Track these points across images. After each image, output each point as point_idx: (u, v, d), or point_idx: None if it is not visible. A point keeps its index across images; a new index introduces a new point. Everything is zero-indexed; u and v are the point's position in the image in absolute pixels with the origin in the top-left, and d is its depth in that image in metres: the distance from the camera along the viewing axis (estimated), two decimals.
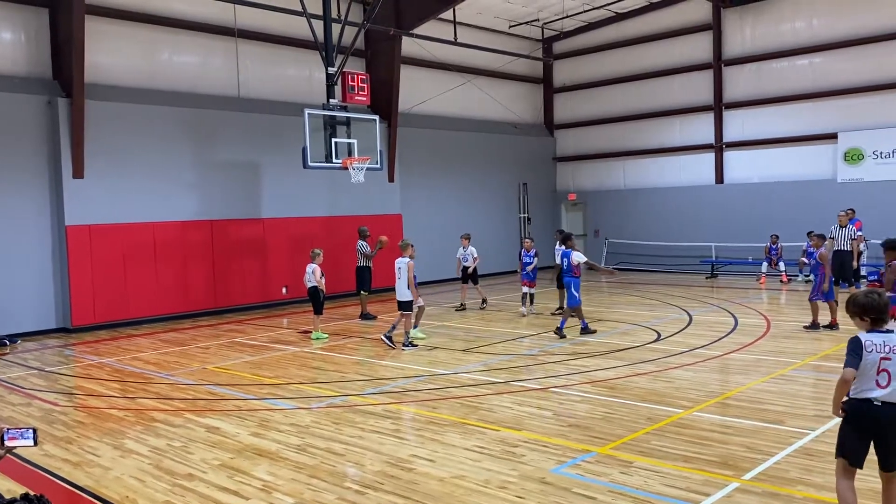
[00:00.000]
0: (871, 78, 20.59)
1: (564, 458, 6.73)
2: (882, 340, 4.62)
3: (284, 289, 19.00)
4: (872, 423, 4.64)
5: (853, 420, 4.69)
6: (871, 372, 4.59)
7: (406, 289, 12.34)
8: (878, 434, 4.65)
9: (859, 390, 4.64)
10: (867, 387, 4.61)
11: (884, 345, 4.60)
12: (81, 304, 15.80)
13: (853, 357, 4.61)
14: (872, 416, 4.62)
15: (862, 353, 4.60)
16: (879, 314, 4.69)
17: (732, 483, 5.95)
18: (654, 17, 24.77)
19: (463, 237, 17.60)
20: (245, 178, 18.56)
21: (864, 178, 20.70)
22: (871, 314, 4.70)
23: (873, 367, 4.59)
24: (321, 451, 7.19)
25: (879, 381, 4.59)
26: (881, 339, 4.62)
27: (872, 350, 4.59)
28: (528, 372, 10.44)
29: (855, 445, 4.70)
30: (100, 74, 16.43)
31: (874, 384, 4.59)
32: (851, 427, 4.71)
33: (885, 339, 4.62)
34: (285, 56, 19.84)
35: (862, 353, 4.60)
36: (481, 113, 25.31)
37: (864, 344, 4.62)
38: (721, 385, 9.40)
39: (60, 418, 8.82)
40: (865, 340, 4.63)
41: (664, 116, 24.95)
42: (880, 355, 4.58)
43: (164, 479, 6.58)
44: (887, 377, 4.58)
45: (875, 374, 4.58)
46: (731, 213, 22.89)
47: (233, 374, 11.11)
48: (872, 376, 4.59)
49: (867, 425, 4.65)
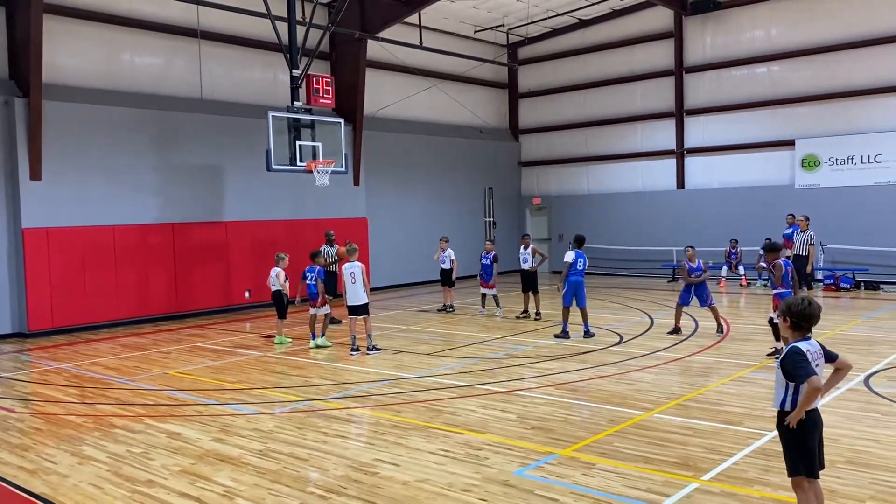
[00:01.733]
0: (827, 86, 21.10)
1: (527, 460, 6.78)
2: (814, 348, 4.68)
3: (247, 293, 18.83)
4: (818, 428, 4.72)
5: (810, 434, 4.67)
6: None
7: (363, 292, 12.27)
8: (821, 439, 4.76)
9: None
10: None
11: (816, 352, 4.68)
12: (38, 308, 15.47)
13: (808, 365, 4.57)
14: (818, 422, 4.72)
15: (810, 362, 4.61)
16: (812, 323, 4.68)
17: (692, 483, 6.05)
18: (618, 24, 25.08)
19: (441, 240, 17.69)
20: (208, 180, 18.36)
21: (820, 183, 21.18)
22: (806, 322, 4.69)
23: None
24: (284, 456, 7.15)
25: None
26: (813, 348, 4.67)
27: (812, 359, 4.62)
28: (492, 375, 10.49)
29: (812, 457, 4.70)
30: (59, 75, 16.13)
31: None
32: (809, 439, 4.68)
33: (811, 345, 4.68)
34: (249, 58, 19.68)
35: (811, 362, 4.61)
36: (447, 117, 25.38)
37: (806, 353, 4.63)
38: (682, 387, 9.53)
39: (16, 425, 8.63)
40: (805, 350, 4.64)
41: (627, 122, 25.26)
42: (814, 362, 4.62)
43: (123, 485, 6.48)
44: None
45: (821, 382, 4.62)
46: (691, 217, 23.25)
47: (194, 379, 10.97)
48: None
49: (816, 432, 4.70)
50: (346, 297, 12.46)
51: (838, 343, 12.09)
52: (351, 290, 12.33)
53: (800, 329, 4.70)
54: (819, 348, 4.71)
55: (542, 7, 23.70)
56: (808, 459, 4.68)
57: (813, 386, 4.51)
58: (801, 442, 4.67)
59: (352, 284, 12.30)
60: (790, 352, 4.65)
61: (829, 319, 14.85)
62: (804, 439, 4.67)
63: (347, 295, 12.42)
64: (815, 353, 4.66)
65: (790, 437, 4.69)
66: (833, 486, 5.88)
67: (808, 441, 4.67)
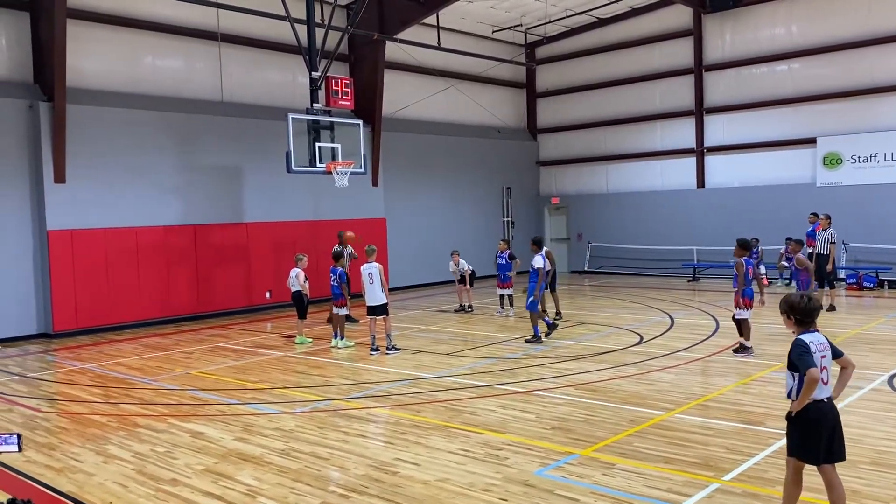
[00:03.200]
0: (849, 83, 20.87)
1: (548, 460, 6.79)
2: (817, 340, 4.91)
3: (268, 293, 18.96)
4: (829, 421, 4.88)
5: (814, 423, 4.87)
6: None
7: (381, 293, 12.35)
8: (833, 428, 4.90)
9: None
10: (816, 387, 4.81)
11: (819, 344, 4.90)
12: (63, 309, 15.68)
13: (809, 357, 4.80)
14: (827, 415, 4.88)
15: (812, 354, 4.83)
16: (812, 316, 4.96)
17: (713, 484, 6.03)
18: (636, 22, 24.97)
19: (453, 253, 17.67)
20: (228, 182, 18.52)
21: (842, 182, 20.96)
22: (807, 316, 4.95)
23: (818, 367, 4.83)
24: (305, 455, 7.21)
25: (823, 379, 4.84)
26: (816, 339, 4.91)
27: (815, 350, 4.85)
28: (511, 375, 10.50)
29: (816, 445, 4.89)
30: (82, 78, 16.35)
31: (820, 383, 4.82)
32: (811, 429, 4.89)
33: (816, 339, 4.92)
34: (269, 60, 19.82)
35: (812, 353, 4.83)
36: (465, 117, 25.40)
37: (809, 345, 4.86)
38: (702, 387, 9.50)
39: (43, 424, 8.77)
40: (809, 342, 4.87)
41: (646, 121, 25.14)
42: (820, 354, 4.86)
43: (147, 484, 6.57)
44: (826, 374, 4.88)
45: (819, 373, 4.82)
46: (712, 216, 23.10)
47: (216, 378, 11.08)
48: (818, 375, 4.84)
49: (826, 424, 4.87)
50: (365, 298, 12.54)
51: (862, 343, 11.99)
52: (369, 290, 12.40)
53: (802, 324, 4.97)
54: (825, 342, 4.93)
55: (561, 6, 23.65)
56: (806, 448, 4.91)
57: (811, 377, 4.73)
58: (804, 430, 4.90)
59: (370, 285, 12.37)
60: (795, 344, 4.90)
61: (853, 319, 14.72)
62: (807, 428, 4.88)
63: (366, 295, 12.49)
64: (820, 345, 4.89)
65: (793, 424, 4.96)
66: (856, 486, 5.85)
67: (811, 431, 4.87)
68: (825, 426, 4.86)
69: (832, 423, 4.89)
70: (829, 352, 4.94)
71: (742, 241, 11.52)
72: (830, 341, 5.00)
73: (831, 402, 4.90)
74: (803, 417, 4.88)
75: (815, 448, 4.89)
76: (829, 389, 4.92)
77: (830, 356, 4.95)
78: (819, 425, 4.86)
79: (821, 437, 4.87)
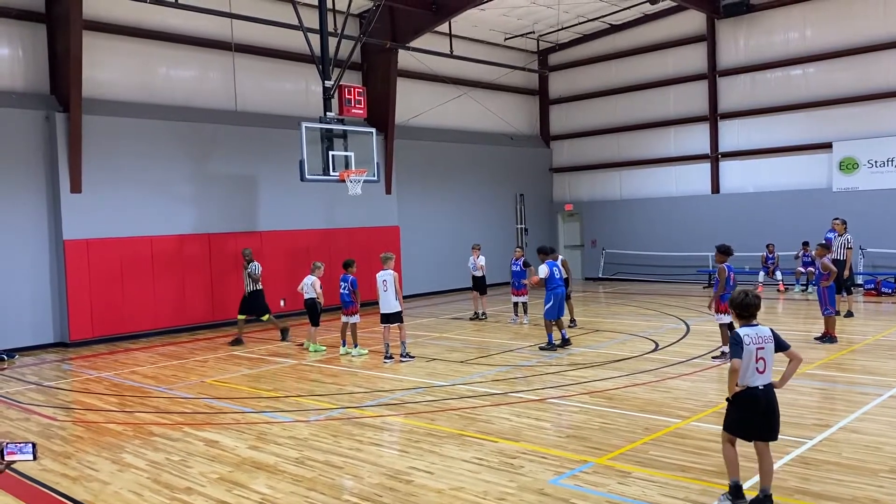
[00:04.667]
0: (865, 87, 20.72)
1: (562, 468, 6.74)
2: (755, 333, 5.48)
3: (282, 301, 19.00)
4: (760, 406, 5.47)
5: (745, 406, 5.50)
6: (751, 361, 5.43)
7: (395, 300, 12.35)
8: (763, 413, 5.49)
9: (745, 379, 5.46)
10: (749, 375, 5.44)
11: (756, 337, 5.47)
12: (79, 318, 15.79)
13: (737, 349, 5.43)
14: (759, 400, 5.46)
15: (742, 346, 5.41)
16: (751, 311, 5.56)
17: None
18: (649, 28, 24.92)
19: (474, 247, 17.75)
20: (242, 191, 18.61)
21: (859, 186, 20.79)
22: (746, 311, 5.57)
23: (751, 357, 5.43)
24: (320, 463, 7.20)
25: (758, 368, 5.45)
26: (753, 333, 5.48)
27: (749, 343, 5.43)
28: (525, 383, 10.45)
29: (747, 425, 5.54)
30: (97, 89, 16.49)
31: (755, 372, 5.44)
32: (743, 410, 5.52)
33: (756, 331, 5.50)
34: (282, 70, 19.93)
35: (743, 346, 5.41)
36: (478, 125, 25.41)
37: (743, 338, 5.44)
38: (718, 395, 9.39)
39: (59, 433, 8.81)
40: (743, 335, 5.46)
41: (660, 127, 25.06)
42: (756, 346, 5.43)
43: (162, 493, 6.58)
44: (763, 364, 5.46)
45: (754, 363, 5.43)
46: (727, 222, 22.95)
47: (231, 387, 11.10)
48: (752, 364, 5.43)
49: (756, 409, 5.47)
50: (380, 305, 12.55)
51: (880, 349, 11.86)
52: (383, 297, 12.42)
53: (742, 318, 5.61)
54: (768, 335, 5.51)
55: (573, 13, 23.64)
56: (738, 425, 5.56)
57: (731, 367, 5.45)
58: (735, 411, 5.58)
59: (384, 292, 12.39)
60: (732, 335, 5.56)
61: (871, 325, 14.56)
62: (739, 411, 5.54)
63: (380, 303, 12.51)
64: (759, 338, 5.47)
65: (730, 405, 5.63)
66: (876, 495, 5.77)
67: (743, 413, 5.52)
68: (756, 410, 5.46)
69: (763, 408, 5.46)
70: (769, 344, 5.48)
71: (722, 247, 11.56)
72: (777, 335, 5.55)
73: (767, 388, 5.46)
74: (738, 401, 5.51)
75: (746, 428, 5.54)
76: (766, 378, 5.47)
77: (772, 348, 5.49)
78: (751, 409, 5.47)
79: (752, 419, 5.48)
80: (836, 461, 6.59)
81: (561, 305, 13.21)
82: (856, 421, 7.82)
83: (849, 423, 7.73)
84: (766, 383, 5.46)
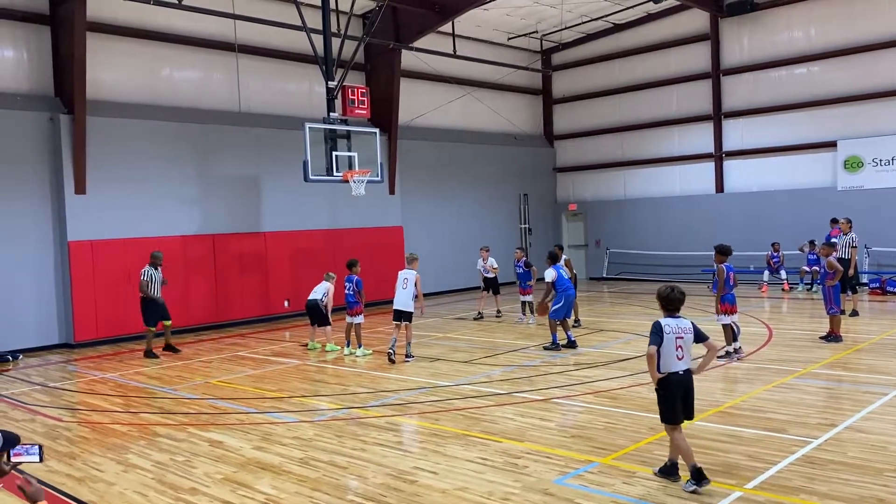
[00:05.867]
0: (869, 85, 20.66)
1: (567, 468, 6.74)
2: (675, 324, 6.08)
3: (286, 302, 19.03)
4: (680, 388, 6.06)
5: (669, 389, 6.06)
6: (671, 348, 6.01)
7: (410, 299, 12.39)
8: (685, 395, 6.10)
9: (667, 365, 6.04)
10: (671, 361, 6.02)
11: (677, 327, 6.06)
12: (84, 319, 15.82)
13: (656, 337, 6.03)
14: (679, 383, 6.05)
15: (662, 335, 6.00)
16: (674, 305, 6.18)
17: (735, 492, 5.95)
18: (652, 28, 24.88)
19: (482, 249, 17.83)
20: (246, 192, 18.63)
21: (864, 185, 20.73)
22: (670, 304, 6.19)
23: (672, 345, 6.01)
24: (324, 464, 7.20)
25: (678, 356, 6.03)
26: (675, 323, 6.08)
27: (670, 332, 6.02)
28: (530, 383, 10.45)
29: (674, 410, 6.07)
30: (101, 91, 16.52)
31: (675, 358, 6.01)
32: (668, 396, 6.08)
33: (677, 322, 6.09)
34: (286, 70, 19.94)
35: (662, 334, 6.00)
36: (481, 125, 25.39)
37: (663, 327, 6.03)
38: (724, 394, 9.40)
39: (64, 434, 8.83)
40: (664, 325, 6.06)
41: (663, 126, 25.01)
42: (675, 335, 6.02)
43: (167, 493, 6.59)
44: (682, 352, 6.04)
45: (674, 350, 6.02)
46: (731, 222, 22.89)
47: (235, 387, 11.12)
48: (673, 352, 6.01)
49: (677, 391, 6.05)
50: (394, 301, 12.66)
51: (886, 348, 11.82)
52: (400, 294, 12.56)
53: (666, 310, 6.21)
54: (687, 326, 6.10)
55: (576, 12, 23.61)
56: (668, 411, 6.09)
57: (647, 354, 6.09)
58: (662, 396, 6.12)
59: (402, 290, 12.54)
60: (653, 325, 6.11)
61: (876, 324, 14.51)
62: (664, 395, 6.10)
63: (395, 299, 12.63)
64: (679, 329, 6.05)
65: (658, 395, 6.16)
66: (881, 494, 5.75)
67: (668, 396, 6.06)
68: (677, 393, 6.04)
69: (683, 390, 6.07)
70: (688, 335, 6.07)
71: (720, 247, 11.56)
72: (697, 327, 6.13)
73: (686, 373, 6.06)
74: (663, 385, 6.07)
75: (674, 411, 6.07)
76: (684, 364, 6.04)
77: (691, 339, 6.08)
78: (672, 393, 6.05)
79: (675, 401, 6.05)
80: (841, 460, 6.57)
81: (569, 307, 13.24)
82: (861, 420, 7.80)
83: (854, 423, 7.71)
84: (685, 368, 6.05)
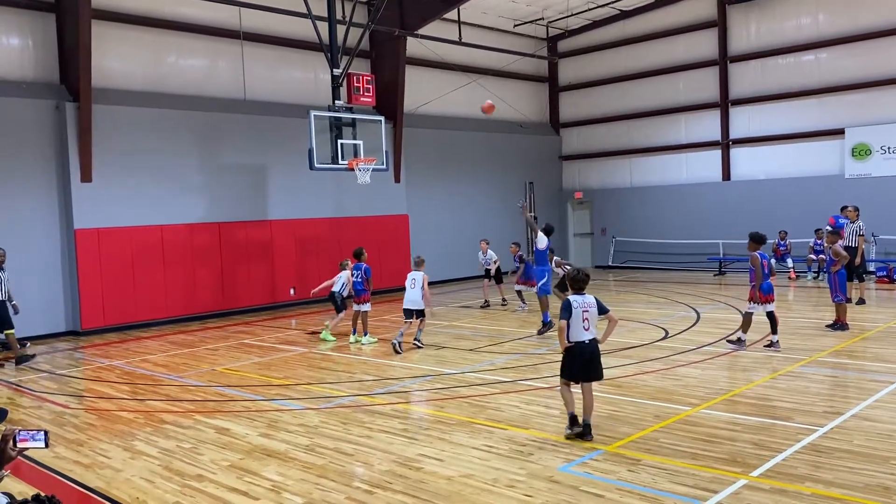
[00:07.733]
0: (878, 73, 20.50)
1: (572, 456, 6.75)
2: (581, 300, 7.20)
3: (292, 290, 19.06)
4: (586, 354, 7.14)
5: (575, 356, 7.16)
6: (579, 321, 7.11)
7: (420, 299, 12.48)
8: (588, 361, 7.17)
9: (575, 335, 7.13)
10: (578, 332, 7.12)
11: (583, 302, 7.18)
12: (91, 307, 15.88)
13: (565, 312, 7.13)
14: (585, 351, 7.14)
15: (571, 310, 7.10)
16: (580, 285, 7.28)
17: (741, 480, 5.95)
18: (659, 14, 24.72)
19: (482, 241, 17.84)
20: (252, 180, 18.63)
21: (872, 173, 20.61)
22: (577, 285, 7.29)
23: (579, 318, 7.11)
24: (330, 451, 7.23)
25: (584, 327, 7.12)
26: (581, 300, 7.19)
27: (577, 307, 7.13)
28: (535, 371, 10.45)
29: (575, 370, 7.21)
30: (107, 78, 16.51)
31: (582, 329, 7.11)
32: (574, 360, 7.18)
33: (583, 299, 7.20)
34: (291, 58, 19.89)
35: (571, 309, 7.10)
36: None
37: (572, 303, 7.13)
38: (729, 382, 9.38)
39: (71, 420, 8.88)
40: (573, 300, 7.17)
41: (670, 114, 24.89)
42: (581, 309, 7.14)
43: (173, 480, 6.62)
44: (588, 323, 7.13)
45: (581, 322, 7.12)
46: (738, 210, 22.80)
47: (242, 375, 11.15)
48: (580, 324, 7.11)
49: (583, 357, 7.14)
50: (404, 301, 12.75)
51: (892, 336, 11.81)
52: (409, 293, 12.62)
53: (573, 289, 7.31)
54: (592, 301, 7.22)
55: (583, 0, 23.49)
56: (570, 371, 7.25)
57: (559, 327, 7.17)
58: (567, 360, 7.24)
59: (410, 289, 12.60)
60: (563, 302, 7.24)
61: (883, 312, 14.47)
62: (568, 357, 7.23)
63: (405, 299, 12.72)
64: (585, 303, 7.17)
65: (564, 356, 7.27)
66: (888, 482, 5.74)
67: (572, 361, 7.19)
68: (582, 358, 7.13)
69: (588, 357, 7.14)
70: (593, 308, 7.17)
71: (755, 234, 11.24)
72: (599, 301, 7.26)
73: (592, 342, 7.15)
74: (569, 352, 7.17)
75: (575, 372, 7.20)
76: (590, 335, 7.13)
77: (595, 312, 7.18)
78: (577, 358, 7.14)
79: (577, 365, 7.15)
80: (847, 449, 6.56)
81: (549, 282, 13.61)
82: (867, 408, 7.79)
83: (860, 411, 7.70)
84: (591, 338, 7.16)
